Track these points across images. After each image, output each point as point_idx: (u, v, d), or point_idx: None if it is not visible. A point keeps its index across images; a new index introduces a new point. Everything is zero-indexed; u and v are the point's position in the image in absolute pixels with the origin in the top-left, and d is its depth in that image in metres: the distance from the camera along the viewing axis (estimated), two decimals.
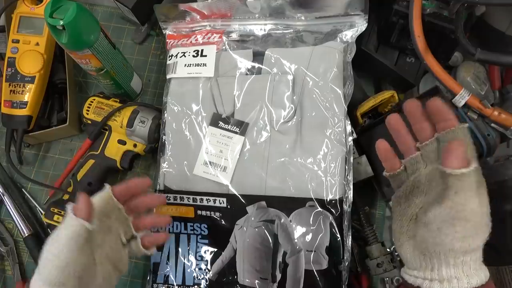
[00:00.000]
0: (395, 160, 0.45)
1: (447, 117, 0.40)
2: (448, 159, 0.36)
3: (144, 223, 0.48)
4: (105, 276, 0.42)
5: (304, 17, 0.62)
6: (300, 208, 0.54)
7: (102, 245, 0.43)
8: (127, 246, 0.46)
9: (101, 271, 0.42)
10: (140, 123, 0.64)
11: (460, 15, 0.56)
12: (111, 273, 0.44)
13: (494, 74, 0.65)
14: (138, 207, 0.48)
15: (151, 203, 0.49)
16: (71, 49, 0.57)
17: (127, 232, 0.46)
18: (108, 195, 0.43)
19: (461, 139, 0.37)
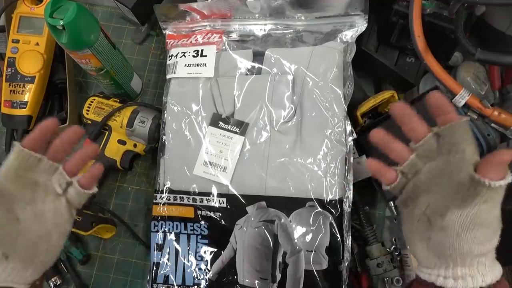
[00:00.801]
0: (391, 171, 0.44)
1: (448, 110, 0.39)
2: (489, 169, 0.35)
3: (71, 163, 0.44)
4: (41, 234, 0.41)
5: (304, 17, 0.62)
6: (300, 208, 0.54)
7: (31, 202, 0.41)
8: (65, 195, 0.44)
9: (33, 228, 0.40)
10: (140, 123, 0.64)
11: (460, 15, 0.56)
12: (50, 229, 0.42)
13: (494, 74, 0.65)
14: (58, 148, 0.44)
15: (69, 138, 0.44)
16: (71, 49, 0.57)
17: (61, 181, 0.43)
18: (18, 149, 0.41)
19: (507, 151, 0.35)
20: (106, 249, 0.67)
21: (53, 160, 0.43)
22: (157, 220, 0.59)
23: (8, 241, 0.39)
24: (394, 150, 0.43)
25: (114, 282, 0.65)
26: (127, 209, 0.69)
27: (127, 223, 0.66)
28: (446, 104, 0.39)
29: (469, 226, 0.35)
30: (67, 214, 0.44)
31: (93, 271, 0.66)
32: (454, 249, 0.36)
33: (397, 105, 0.42)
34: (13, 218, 0.40)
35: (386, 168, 0.44)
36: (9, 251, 0.39)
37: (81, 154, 0.46)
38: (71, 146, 0.45)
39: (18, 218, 0.40)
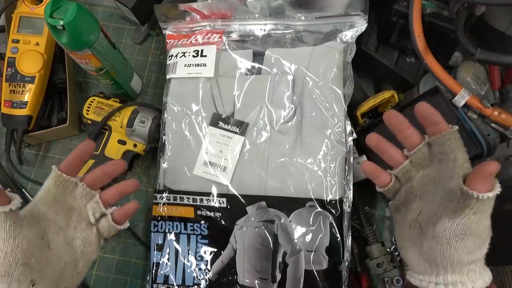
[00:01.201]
0: (385, 174, 0.45)
1: (437, 121, 0.40)
2: (477, 182, 0.36)
3: (109, 194, 0.45)
4: (68, 261, 0.41)
5: (304, 17, 0.62)
6: (300, 208, 0.54)
7: (64, 228, 0.41)
8: (96, 225, 0.44)
9: (62, 255, 0.40)
10: (140, 123, 0.64)
11: (460, 15, 0.56)
12: (78, 257, 0.42)
13: (494, 74, 0.65)
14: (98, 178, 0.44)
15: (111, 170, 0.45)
16: (71, 49, 0.57)
17: (95, 210, 0.43)
18: (56, 174, 0.41)
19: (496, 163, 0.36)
20: (106, 249, 0.67)
21: (90, 187, 0.43)
22: (157, 220, 0.59)
23: (38, 268, 0.38)
24: (389, 155, 0.44)
25: (114, 282, 0.65)
26: None
27: None
28: (435, 114, 0.40)
29: (459, 236, 0.36)
30: (96, 243, 0.44)
31: (93, 271, 0.66)
32: (444, 257, 0.37)
33: (389, 114, 0.43)
34: (45, 245, 0.39)
35: (380, 171, 0.45)
36: (37, 277, 0.38)
37: (119, 187, 0.46)
38: (110, 178, 0.45)
39: (49, 245, 0.40)
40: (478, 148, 0.55)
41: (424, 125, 0.42)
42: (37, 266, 0.38)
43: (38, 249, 0.38)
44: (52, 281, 0.40)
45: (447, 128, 0.40)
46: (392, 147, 0.45)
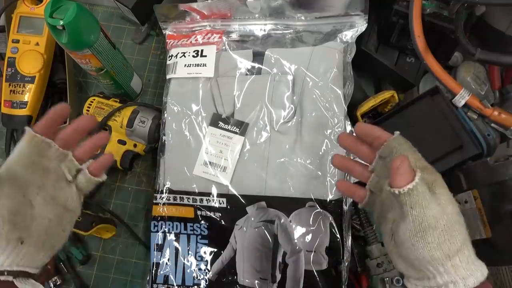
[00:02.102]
0: (360, 190, 0.46)
1: (376, 135, 0.42)
2: (393, 178, 0.37)
3: (82, 149, 0.45)
4: (51, 218, 0.41)
5: (304, 17, 0.62)
6: (300, 209, 0.54)
7: (43, 187, 0.42)
8: (74, 182, 0.44)
9: (45, 213, 0.41)
10: (140, 123, 0.64)
11: (460, 15, 0.56)
12: (61, 213, 0.43)
13: (494, 74, 0.65)
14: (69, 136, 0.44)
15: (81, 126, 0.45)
16: (71, 49, 0.57)
17: (70, 168, 0.44)
18: (30, 134, 0.41)
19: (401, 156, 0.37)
20: (106, 249, 0.67)
21: (63, 147, 0.43)
22: (157, 220, 0.59)
23: (24, 226, 0.39)
24: (357, 172, 0.47)
25: (114, 282, 0.65)
26: (127, 209, 0.69)
27: (127, 223, 0.66)
28: (372, 130, 0.43)
29: (417, 234, 0.36)
30: (77, 200, 0.45)
31: (93, 271, 0.66)
32: (418, 259, 0.37)
33: (341, 137, 0.47)
34: (28, 203, 0.40)
35: (355, 188, 0.47)
36: (24, 235, 0.39)
37: (91, 141, 0.46)
38: (82, 134, 0.45)
39: (32, 203, 0.40)
40: (478, 148, 0.55)
41: (369, 143, 0.44)
42: (23, 223, 0.39)
43: (21, 207, 0.39)
44: (39, 239, 0.40)
45: (387, 137, 0.41)
46: (355, 164, 0.47)
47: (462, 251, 0.36)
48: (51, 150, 0.43)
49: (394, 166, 0.37)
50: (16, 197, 0.39)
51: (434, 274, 0.36)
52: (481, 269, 0.37)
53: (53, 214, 0.42)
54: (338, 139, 0.47)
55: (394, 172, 0.37)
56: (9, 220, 0.38)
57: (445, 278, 0.36)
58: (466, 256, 0.36)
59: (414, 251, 0.36)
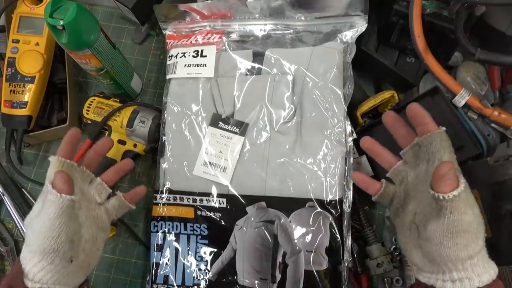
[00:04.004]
0: (375, 183, 0.47)
1: (425, 121, 0.42)
2: (438, 184, 0.37)
3: (109, 175, 0.49)
4: (88, 238, 0.44)
5: (304, 17, 0.62)
6: (300, 209, 0.54)
7: (81, 207, 0.44)
8: (104, 204, 0.47)
9: (86, 231, 0.43)
10: (140, 123, 0.64)
11: (460, 15, 0.56)
12: (96, 232, 0.45)
13: (494, 74, 0.65)
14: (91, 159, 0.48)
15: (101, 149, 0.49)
16: (71, 49, 0.57)
17: (101, 191, 0.47)
18: (59, 160, 0.44)
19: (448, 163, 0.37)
20: (106, 249, 0.66)
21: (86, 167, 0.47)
22: (157, 221, 0.59)
23: (77, 245, 0.42)
24: (383, 159, 0.47)
25: (114, 282, 0.65)
26: None
27: (127, 223, 0.66)
28: (424, 115, 0.43)
29: (448, 235, 0.37)
30: (107, 221, 0.48)
31: (93, 271, 0.66)
32: (441, 256, 0.38)
33: (387, 114, 0.47)
34: (78, 222, 0.43)
35: (370, 180, 0.48)
36: (75, 254, 0.41)
37: (117, 168, 0.51)
38: (101, 156, 0.50)
39: (80, 223, 0.43)
40: (478, 148, 0.55)
41: (414, 125, 0.44)
42: (77, 243, 0.41)
43: (77, 226, 0.42)
44: (84, 257, 0.43)
45: (435, 128, 0.42)
46: (384, 150, 0.47)
47: (481, 251, 0.38)
48: (77, 172, 0.46)
49: (441, 172, 0.37)
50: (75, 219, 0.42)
51: (450, 270, 0.38)
52: (494, 268, 0.38)
53: (90, 234, 0.44)
54: (383, 116, 0.47)
55: (440, 177, 0.37)
56: (70, 240, 0.40)
57: (461, 274, 0.37)
58: (483, 255, 0.38)
59: (441, 249, 0.37)
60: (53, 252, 0.38)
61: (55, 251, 0.38)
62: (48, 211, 0.39)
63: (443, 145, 0.41)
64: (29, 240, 0.40)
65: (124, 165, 0.52)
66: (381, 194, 0.46)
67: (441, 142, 0.41)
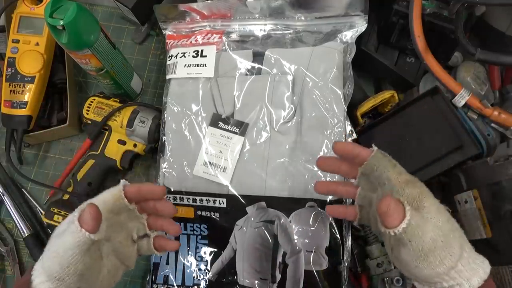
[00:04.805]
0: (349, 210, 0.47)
1: (355, 152, 0.43)
2: (385, 221, 0.37)
3: (157, 224, 0.47)
4: (110, 269, 0.42)
5: (304, 18, 0.62)
6: (300, 209, 0.54)
7: (111, 240, 0.43)
8: (137, 243, 0.46)
9: (106, 264, 0.42)
10: (140, 123, 0.64)
11: (460, 15, 0.56)
12: (118, 267, 0.44)
13: (494, 74, 0.65)
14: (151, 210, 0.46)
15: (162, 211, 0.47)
16: (71, 49, 0.57)
17: (139, 230, 0.46)
18: (119, 194, 0.42)
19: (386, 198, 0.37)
20: None
21: (140, 211, 0.45)
22: None
23: (91, 279, 0.40)
24: (341, 193, 0.48)
25: None
26: None
27: None
28: (351, 148, 0.43)
29: (418, 259, 0.37)
30: (135, 258, 0.46)
31: None
32: (425, 276, 0.38)
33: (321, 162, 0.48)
34: (99, 256, 0.41)
35: (344, 208, 0.48)
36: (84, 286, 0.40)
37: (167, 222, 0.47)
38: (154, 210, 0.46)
39: (101, 255, 0.41)
40: (478, 148, 0.55)
41: (350, 161, 0.44)
42: (88, 276, 0.40)
43: (94, 260, 0.40)
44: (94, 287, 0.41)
45: (368, 154, 0.42)
46: (338, 184, 0.48)
47: (462, 255, 0.37)
48: (131, 213, 0.44)
49: (382, 210, 0.37)
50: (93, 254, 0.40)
51: (440, 281, 0.38)
52: (483, 266, 0.38)
53: (112, 267, 0.43)
54: (317, 165, 0.48)
55: (384, 215, 0.37)
56: (80, 273, 0.38)
57: (450, 282, 0.37)
58: (467, 258, 0.37)
59: (419, 271, 0.38)
60: (58, 280, 0.38)
61: (60, 280, 0.37)
62: (65, 239, 0.38)
63: (383, 164, 0.41)
64: (45, 256, 0.39)
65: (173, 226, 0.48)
66: (359, 219, 0.47)
67: (380, 162, 0.41)
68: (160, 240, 0.47)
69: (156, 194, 0.45)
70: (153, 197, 0.45)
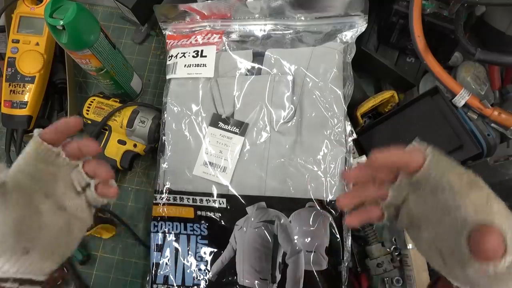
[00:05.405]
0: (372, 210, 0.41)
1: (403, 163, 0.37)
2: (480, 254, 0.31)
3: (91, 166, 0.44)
4: (61, 226, 0.41)
5: (304, 18, 0.62)
6: (299, 209, 0.54)
7: (50, 195, 0.41)
8: (82, 194, 0.43)
9: (53, 221, 0.40)
10: (140, 123, 0.64)
11: (460, 15, 0.56)
12: (71, 222, 0.42)
13: (494, 74, 0.65)
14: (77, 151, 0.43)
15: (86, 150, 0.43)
16: (71, 49, 0.57)
17: (80, 180, 0.43)
18: (37, 141, 0.40)
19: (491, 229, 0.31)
20: (106, 249, 0.67)
21: (71, 158, 0.42)
22: (157, 221, 0.59)
23: (30, 235, 0.38)
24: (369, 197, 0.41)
25: (114, 282, 0.65)
26: (127, 209, 0.69)
27: (127, 223, 0.66)
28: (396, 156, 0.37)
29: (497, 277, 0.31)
30: (87, 210, 0.44)
31: (93, 271, 0.66)
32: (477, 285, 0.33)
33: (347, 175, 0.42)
34: (34, 211, 0.39)
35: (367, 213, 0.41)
36: (30, 245, 0.38)
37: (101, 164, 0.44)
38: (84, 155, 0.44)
39: (40, 211, 0.39)
40: (478, 148, 0.55)
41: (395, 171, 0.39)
42: (29, 233, 0.38)
43: (28, 216, 0.38)
44: (47, 247, 0.39)
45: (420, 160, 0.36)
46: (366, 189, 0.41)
47: None
48: (59, 159, 0.42)
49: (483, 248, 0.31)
50: (22, 206, 0.38)
51: None
52: None
53: (62, 222, 0.41)
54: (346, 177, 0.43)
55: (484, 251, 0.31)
56: (14, 231, 0.37)
57: None
58: None
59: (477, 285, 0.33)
60: None
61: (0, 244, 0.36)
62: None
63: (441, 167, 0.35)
64: None
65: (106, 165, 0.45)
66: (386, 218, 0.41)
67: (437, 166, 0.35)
68: (101, 187, 0.44)
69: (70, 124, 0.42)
70: (69, 129, 0.42)
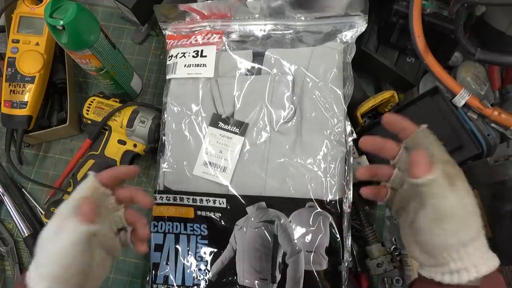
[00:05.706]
0: (381, 189, 0.47)
1: (403, 126, 0.43)
2: (412, 170, 0.38)
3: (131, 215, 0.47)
4: (98, 262, 0.42)
5: (304, 18, 0.62)
6: (299, 209, 0.54)
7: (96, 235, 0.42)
8: (118, 235, 0.46)
9: (95, 258, 0.42)
10: (140, 123, 0.64)
11: (460, 15, 0.56)
12: (105, 258, 0.44)
13: (494, 74, 0.65)
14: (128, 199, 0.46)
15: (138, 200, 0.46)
16: (71, 49, 0.57)
17: (117, 222, 0.45)
18: (94, 182, 0.42)
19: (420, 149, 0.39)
20: None
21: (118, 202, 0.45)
22: (157, 221, 0.59)
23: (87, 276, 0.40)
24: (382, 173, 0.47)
25: (114, 282, 0.65)
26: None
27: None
28: (400, 120, 0.44)
29: (435, 222, 0.38)
30: (119, 246, 0.46)
31: None
32: (434, 245, 0.38)
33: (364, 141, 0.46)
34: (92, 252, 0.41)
35: (377, 188, 0.48)
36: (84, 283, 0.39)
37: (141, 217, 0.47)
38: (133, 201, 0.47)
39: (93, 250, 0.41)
40: (478, 148, 0.55)
41: (396, 133, 0.45)
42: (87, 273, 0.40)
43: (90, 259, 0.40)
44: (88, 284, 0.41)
45: (415, 129, 0.42)
46: (379, 166, 0.47)
47: (476, 240, 0.38)
48: (108, 202, 0.44)
49: (414, 158, 0.38)
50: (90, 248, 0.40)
51: (448, 261, 0.38)
52: (494, 259, 0.38)
53: (101, 259, 0.43)
54: (360, 145, 0.47)
55: (414, 163, 0.38)
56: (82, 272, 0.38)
57: (458, 264, 0.37)
58: (480, 245, 0.38)
59: (431, 238, 0.38)
60: (63, 283, 0.37)
61: (65, 282, 0.37)
62: (65, 238, 0.38)
63: (429, 140, 0.42)
64: (40, 261, 0.38)
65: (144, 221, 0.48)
66: (387, 199, 0.47)
67: (426, 138, 0.42)
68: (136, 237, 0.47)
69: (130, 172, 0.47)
70: (126, 177, 0.47)
